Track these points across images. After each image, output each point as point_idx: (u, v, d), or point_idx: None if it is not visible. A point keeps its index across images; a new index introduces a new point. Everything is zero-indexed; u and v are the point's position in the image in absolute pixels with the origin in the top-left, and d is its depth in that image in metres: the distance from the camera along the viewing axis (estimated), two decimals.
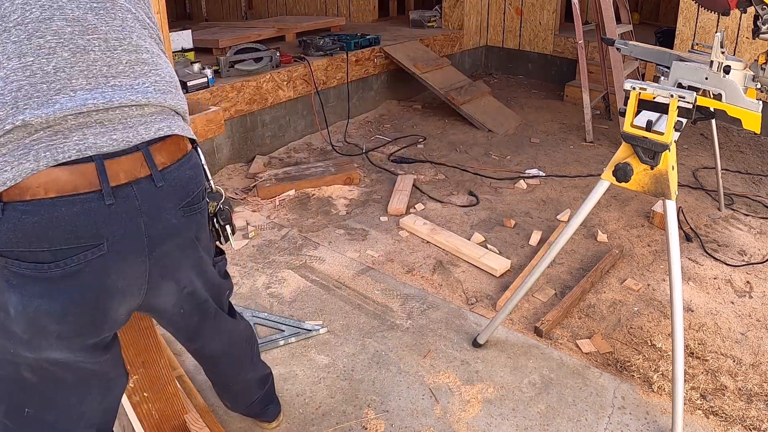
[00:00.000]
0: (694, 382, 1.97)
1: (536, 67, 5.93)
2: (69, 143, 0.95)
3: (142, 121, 1.05)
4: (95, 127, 0.98)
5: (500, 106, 4.79)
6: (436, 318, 2.30)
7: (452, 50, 5.69)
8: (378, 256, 2.73)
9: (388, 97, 5.06)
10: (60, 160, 0.93)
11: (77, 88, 0.97)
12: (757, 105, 1.98)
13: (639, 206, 3.21)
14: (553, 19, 5.67)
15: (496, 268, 2.58)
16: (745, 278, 2.57)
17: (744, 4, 2.15)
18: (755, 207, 3.20)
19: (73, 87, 0.97)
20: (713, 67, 2.14)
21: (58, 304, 0.98)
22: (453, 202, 3.29)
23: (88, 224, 0.96)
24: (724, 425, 1.81)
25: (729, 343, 2.17)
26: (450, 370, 2.04)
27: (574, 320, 2.30)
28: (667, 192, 1.68)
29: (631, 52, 2.65)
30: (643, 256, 2.74)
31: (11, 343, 1.03)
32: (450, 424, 1.82)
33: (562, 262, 2.69)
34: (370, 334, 2.21)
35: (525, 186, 3.49)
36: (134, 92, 1.04)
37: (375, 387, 1.96)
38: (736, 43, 4.31)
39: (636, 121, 1.67)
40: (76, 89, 0.97)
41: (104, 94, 0.99)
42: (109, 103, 0.99)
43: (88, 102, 0.97)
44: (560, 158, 3.92)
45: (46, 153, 0.93)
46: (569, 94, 5.18)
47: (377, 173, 3.66)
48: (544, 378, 2.00)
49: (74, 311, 1.01)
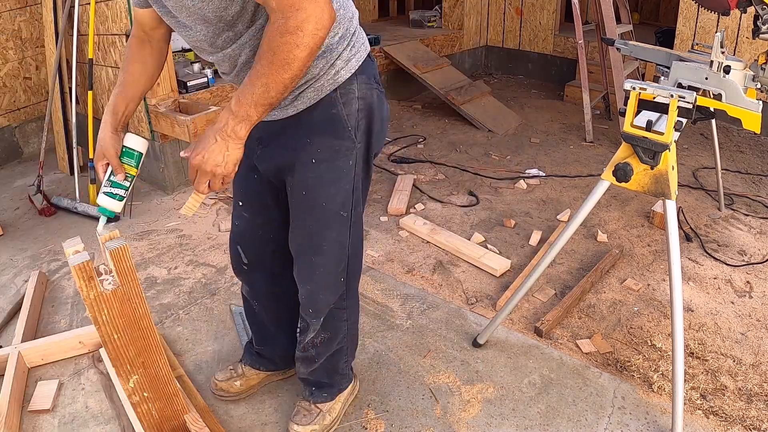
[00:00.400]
0: (694, 382, 1.97)
1: (536, 67, 5.93)
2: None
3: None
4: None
5: (500, 106, 4.79)
6: (436, 318, 2.30)
7: (452, 50, 5.69)
8: (378, 256, 2.73)
9: (388, 97, 5.02)
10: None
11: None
12: (757, 105, 1.98)
13: (639, 206, 3.21)
14: (553, 19, 5.66)
15: (496, 268, 2.58)
16: (745, 278, 2.57)
17: (744, 4, 2.15)
18: (755, 207, 3.20)
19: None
20: (713, 67, 2.14)
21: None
22: (453, 202, 3.29)
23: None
24: (724, 425, 1.81)
25: (729, 343, 2.17)
26: (450, 370, 2.04)
27: (574, 320, 2.30)
28: (667, 192, 1.68)
29: (631, 52, 2.65)
30: (643, 256, 2.74)
31: (379, 146, 1.52)
32: (450, 424, 1.82)
33: (562, 262, 2.69)
34: (370, 334, 2.21)
35: (525, 186, 3.49)
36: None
37: (375, 387, 1.96)
38: (736, 43, 4.30)
39: (636, 121, 1.67)
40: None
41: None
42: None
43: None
44: (560, 158, 3.92)
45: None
46: (569, 94, 5.17)
47: (377, 173, 3.66)
48: (544, 378, 2.00)
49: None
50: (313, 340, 1.63)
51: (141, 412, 1.56)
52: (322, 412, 1.75)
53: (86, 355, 2.10)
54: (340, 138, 1.40)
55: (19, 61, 3.76)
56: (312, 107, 1.37)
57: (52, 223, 3.06)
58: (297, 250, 1.54)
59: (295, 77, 1.15)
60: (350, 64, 1.36)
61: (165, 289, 2.48)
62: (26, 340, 2.10)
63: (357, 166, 1.45)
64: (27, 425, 1.81)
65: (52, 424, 1.81)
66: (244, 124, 1.18)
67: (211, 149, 1.19)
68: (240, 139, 1.19)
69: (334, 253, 1.51)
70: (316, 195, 1.44)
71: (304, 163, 1.41)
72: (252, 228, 1.65)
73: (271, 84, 1.14)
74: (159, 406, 1.58)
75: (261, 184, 1.55)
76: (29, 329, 2.17)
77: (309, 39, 1.11)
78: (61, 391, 1.94)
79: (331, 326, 1.63)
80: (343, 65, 1.35)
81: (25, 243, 2.87)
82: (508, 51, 6.10)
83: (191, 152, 1.22)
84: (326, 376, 1.75)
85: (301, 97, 1.35)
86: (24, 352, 2.01)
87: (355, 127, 1.41)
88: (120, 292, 1.36)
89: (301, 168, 1.42)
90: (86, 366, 2.06)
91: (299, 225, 1.50)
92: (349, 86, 1.38)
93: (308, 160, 1.40)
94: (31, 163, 3.76)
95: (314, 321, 1.60)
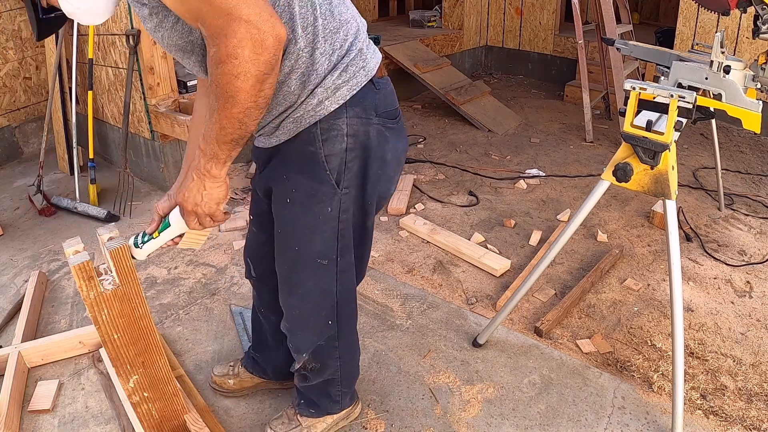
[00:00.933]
0: (694, 382, 1.97)
1: (536, 67, 5.93)
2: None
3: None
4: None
5: (500, 106, 4.78)
6: (436, 318, 2.30)
7: (452, 50, 5.69)
8: (378, 256, 2.73)
9: None
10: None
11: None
12: (757, 105, 1.98)
13: (639, 206, 3.21)
14: (553, 19, 5.66)
15: (496, 268, 2.58)
16: (745, 278, 2.56)
17: (744, 4, 2.15)
18: (755, 207, 3.20)
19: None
20: (713, 67, 2.14)
21: (405, 142, 1.36)
22: (453, 202, 3.29)
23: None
24: (724, 425, 1.81)
25: (729, 343, 2.17)
26: (450, 370, 2.03)
27: (574, 320, 2.30)
28: (667, 192, 1.68)
29: (631, 52, 2.65)
30: (643, 256, 2.74)
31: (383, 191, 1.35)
32: (450, 424, 1.82)
33: (562, 262, 2.69)
34: (370, 334, 2.21)
35: (525, 186, 3.49)
36: None
37: (375, 387, 1.96)
38: (736, 43, 4.30)
39: (636, 121, 1.67)
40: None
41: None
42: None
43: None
44: (560, 158, 3.92)
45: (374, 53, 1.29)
46: (569, 94, 5.17)
47: None
48: (544, 378, 2.00)
49: (406, 149, 1.38)
50: (304, 365, 1.56)
51: (141, 412, 1.56)
52: (300, 426, 1.70)
53: (86, 355, 2.10)
54: (317, 181, 1.23)
55: (19, 61, 3.76)
56: (290, 140, 1.22)
57: (52, 223, 3.06)
58: (279, 286, 1.46)
59: (249, 110, 1.03)
60: (339, 93, 1.17)
61: (165, 289, 2.48)
62: (26, 340, 2.10)
63: (344, 213, 1.29)
64: (27, 425, 1.81)
65: (52, 424, 1.81)
66: (214, 163, 1.10)
67: (189, 188, 1.14)
68: (215, 177, 1.11)
69: (311, 299, 1.40)
70: (289, 237, 1.32)
71: (279, 200, 1.30)
72: (257, 243, 1.60)
73: (224, 120, 1.03)
74: (159, 406, 1.58)
75: (263, 202, 1.48)
76: (29, 329, 2.17)
77: (249, 66, 0.97)
78: (61, 391, 1.94)
79: (322, 359, 1.55)
80: (327, 95, 1.16)
81: (25, 243, 2.87)
82: (508, 51, 6.10)
83: (177, 189, 1.17)
84: (317, 397, 1.68)
85: (281, 128, 1.22)
86: (24, 352, 2.01)
87: (338, 170, 1.22)
88: (120, 292, 1.36)
89: (277, 203, 1.32)
90: (86, 366, 2.06)
91: (277, 260, 1.41)
92: (334, 121, 1.18)
93: (284, 198, 1.28)
94: (31, 163, 3.76)
95: (296, 355, 1.53)
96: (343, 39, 1.17)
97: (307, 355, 1.53)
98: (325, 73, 1.15)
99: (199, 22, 1.00)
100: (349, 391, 1.73)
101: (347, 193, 1.26)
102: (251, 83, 0.99)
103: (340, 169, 1.23)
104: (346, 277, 1.42)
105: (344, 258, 1.37)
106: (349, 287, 1.45)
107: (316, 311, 1.44)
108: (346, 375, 1.65)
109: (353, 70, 1.18)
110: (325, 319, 1.46)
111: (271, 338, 1.79)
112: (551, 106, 5.08)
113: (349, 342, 1.59)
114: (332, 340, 1.51)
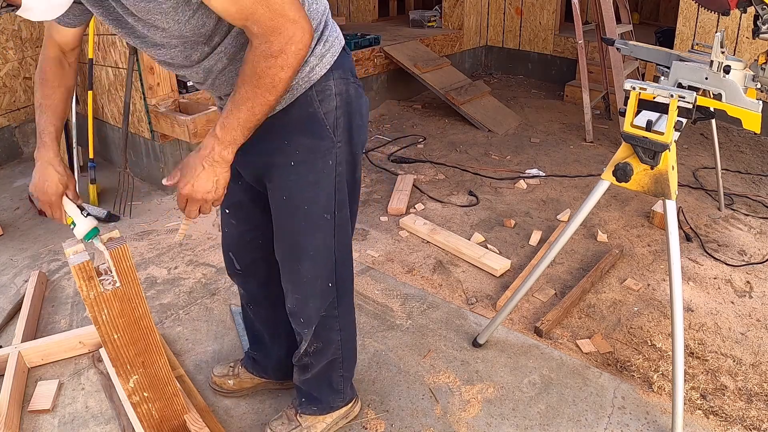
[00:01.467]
0: (694, 382, 1.97)
1: (536, 67, 5.93)
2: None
3: None
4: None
5: (500, 106, 4.79)
6: (436, 318, 2.30)
7: (452, 50, 5.69)
8: (378, 256, 2.73)
9: (388, 97, 5.06)
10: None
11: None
12: (757, 105, 1.98)
13: (639, 206, 3.21)
14: (553, 19, 5.66)
15: (496, 268, 2.58)
16: (745, 278, 2.56)
17: (744, 4, 2.15)
18: (755, 207, 3.20)
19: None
20: (713, 67, 2.14)
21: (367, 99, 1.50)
22: (453, 202, 3.29)
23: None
24: (724, 425, 1.81)
25: (729, 343, 2.17)
26: (450, 370, 2.03)
27: (574, 320, 2.30)
28: (667, 192, 1.68)
29: (631, 52, 2.65)
30: (643, 256, 2.74)
31: (363, 140, 1.48)
32: (450, 424, 1.82)
33: (562, 262, 2.69)
34: (370, 334, 2.21)
35: (525, 186, 3.49)
36: None
37: (375, 387, 1.96)
38: (736, 43, 4.30)
39: (636, 121, 1.67)
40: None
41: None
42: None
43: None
44: (560, 158, 3.92)
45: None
46: (569, 94, 5.17)
47: (377, 173, 3.66)
48: (544, 378, 2.00)
49: (369, 104, 1.52)
50: (306, 350, 1.59)
51: (141, 412, 1.56)
52: (300, 426, 1.70)
53: (86, 355, 2.10)
54: (318, 138, 1.36)
55: (19, 61, 3.76)
56: (288, 107, 1.34)
57: (52, 223, 3.06)
58: (282, 257, 1.50)
59: (280, 97, 1.17)
60: (324, 59, 1.33)
61: (165, 289, 2.48)
62: (26, 340, 2.10)
63: (339, 166, 1.41)
64: (27, 425, 1.81)
65: (52, 424, 1.81)
66: (231, 148, 1.19)
67: (200, 177, 1.20)
68: (227, 162, 1.20)
69: (320, 258, 1.47)
70: (298, 199, 1.40)
71: (282, 167, 1.38)
72: (240, 235, 1.63)
73: (257, 107, 1.15)
74: (159, 406, 1.58)
75: (245, 191, 1.53)
76: (29, 329, 2.17)
77: (293, 59, 1.13)
78: (61, 391, 1.94)
79: (324, 336, 1.58)
80: (317, 62, 1.32)
81: (25, 243, 2.87)
82: (508, 51, 6.11)
83: (181, 182, 1.20)
84: (318, 389, 1.69)
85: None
86: (24, 352, 2.01)
87: (334, 125, 1.37)
88: (120, 292, 1.36)
89: (280, 172, 1.38)
90: (86, 366, 2.06)
91: (283, 231, 1.47)
92: (325, 83, 1.34)
93: (287, 162, 1.37)
94: (31, 163, 3.72)
95: (305, 331, 1.56)
96: (322, 14, 1.34)
97: (313, 331, 1.55)
98: (314, 44, 1.30)
99: (249, 21, 1.11)
100: (350, 376, 1.74)
101: (340, 147, 1.40)
102: (291, 74, 1.14)
103: (334, 125, 1.37)
104: (343, 233, 1.50)
105: (341, 212, 1.47)
106: (346, 243, 1.53)
107: (321, 273, 1.50)
108: (347, 353, 1.67)
109: (332, 39, 1.35)
110: (327, 281, 1.51)
111: (265, 334, 1.80)
112: (551, 106, 5.08)
113: (347, 309, 1.62)
114: (332, 308, 1.55)
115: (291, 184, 1.39)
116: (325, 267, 1.49)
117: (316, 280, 1.50)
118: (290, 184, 1.39)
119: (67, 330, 2.21)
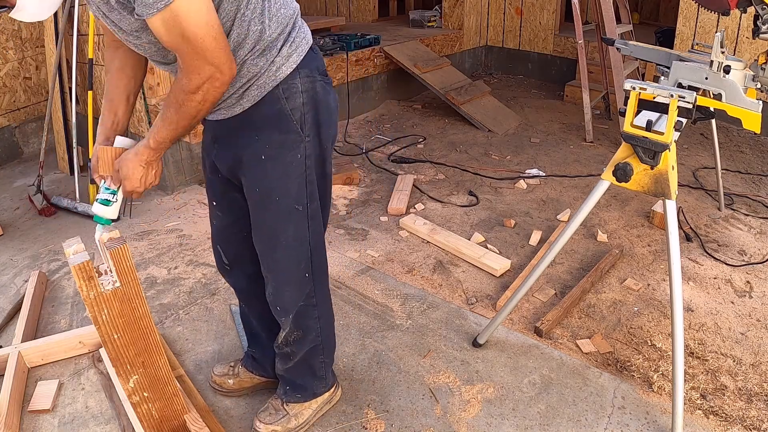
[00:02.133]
0: (694, 382, 1.97)
1: (536, 67, 5.93)
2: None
3: None
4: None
5: (500, 106, 4.79)
6: (436, 318, 2.30)
7: (452, 50, 5.69)
8: (378, 256, 2.73)
9: (388, 97, 5.06)
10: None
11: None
12: (757, 105, 1.98)
13: (639, 206, 3.21)
14: (553, 19, 5.67)
15: (496, 268, 2.58)
16: (745, 278, 2.57)
17: (744, 4, 2.15)
18: (755, 207, 3.20)
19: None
20: (713, 67, 2.14)
21: (336, 95, 1.58)
22: (453, 202, 3.29)
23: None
24: (724, 425, 1.81)
25: (729, 343, 2.17)
26: (450, 370, 2.04)
27: (574, 320, 2.30)
28: (667, 192, 1.68)
29: (631, 52, 2.65)
30: (643, 256, 2.74)
31: (333, 135, 1.56)
32: (450, 424, 1.82)
33: (562, 262, 2.69)
34: (370, 334, 2.21)
35: (525, 186, 3.49)
36: None
37: (375, 387, 1.96)
38: (736, 43, 4.30)
39: (636, 121, 1.67)
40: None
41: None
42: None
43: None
44: (560, 158, 3.92)
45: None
46: (569, 94, 5.18)
47: (377, 173, 3.66)
48: (544, 378, 2.00)
49: (338, 99, 1.59)
50: (286, 338, 1.66)
51: (141, 412, 1.56)
52: (288, 415, 1.75)
53: (86, 355, 2.10)
54: (285, 132, 1.45)
55: (19, 61, 3.76)
56: (258, 104, 1.42)
57: (52, 223, 3.06)
58: (260, 248, 1.58)
59: (202, 118, 1.31)
60: (291, 59, 1.41)
61: (165, 289, 2.48)
62: (26, 340, 2.10)
63: (308, 159, 1.49)
64: (27, 425, 1.81)
65: (52, 424, 1.81)
66: (161, 152, 1.38)
67: (144, 175, 1.39)
68: (159, 161, 1.40)
69: (294, 248, 1.55)
70: (269, 191, 1.48)
71: (253, 160, 1.46)
72: (226, 227, 1.70)
73: (180, 129, 1.31)
74: (159, 406, 1.58)
75: (225, 183, 1.60)
76: (29, 329, 2.17)
77: (210, 96, 1.25)
78: (61, 391, 1.94)
79: (303, 324, 1.65)
80: (283, 61, 1.40)
81: (25, 243, 2.87)
82: (508, 51, 6.11)
83: (127, 183, 1.38)
84: (301, 377, 1.75)
85: (245, 96, 1.41)
86: (24, 352, 2.01)
87: (301, 120, 1.45)
88: (120, 292, 1.36)
89: (252, 165, 1.47)
90: (86, 366, 2.06)
91: (258, 222, 1.55)
92: (291, 81, 1.42)
93: (258, 156, 1.45)
94: (31, 163, 3.76)
95: (283, 319, 1.63)
96: (290, 17, 1.42)
97: (291, 319, 1.63)
98: (280, 46, 1.39)
99: (176, 53, 1.21)
100: (330, 362, 1.81)
101: (309, 141, 1.48)
102: (210, 104, 1.28)
103: (302, 120, 1.45)
104: (315, 223, 1.58)
105: (312, 204, 1.55)
106: (319, 232, 1.60)
107: (296, 263, 1.57)
108: (326, 339, 1.74)
109: (298, 40, 1.43)
110: (303, 271, 1.59)
111: (261, 329, 1.84)
112: (551, 106, 5.08)
113: (324, 297, 1.70)
114: (309, 297, 1.63)
115: (262, 177, 1.47)
116: (299, 256, 1.57)
117: (290, 271, 1.58)
118: (262, 177, 1.48)
119: (67, 330, 2.21)
